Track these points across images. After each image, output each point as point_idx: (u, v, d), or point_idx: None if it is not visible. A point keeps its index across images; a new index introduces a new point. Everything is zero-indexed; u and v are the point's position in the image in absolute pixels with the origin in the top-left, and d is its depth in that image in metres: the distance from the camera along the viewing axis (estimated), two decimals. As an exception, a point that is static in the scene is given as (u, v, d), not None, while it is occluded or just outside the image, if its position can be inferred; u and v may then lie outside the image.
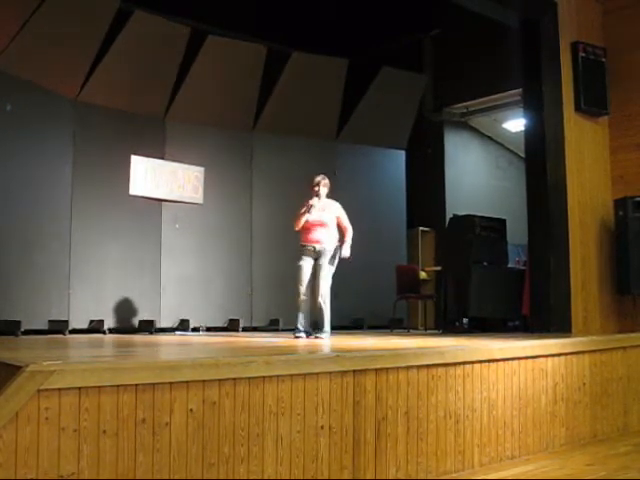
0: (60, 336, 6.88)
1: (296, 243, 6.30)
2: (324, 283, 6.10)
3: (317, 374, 3.39)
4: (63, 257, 7.44)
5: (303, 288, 6.10)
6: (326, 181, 6.28)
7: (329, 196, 6.38)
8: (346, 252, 6.25)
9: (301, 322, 6.12)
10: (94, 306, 7.64)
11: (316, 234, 6.15)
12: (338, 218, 6.31)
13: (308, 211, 6.12)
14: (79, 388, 2.64)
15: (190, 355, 3.83)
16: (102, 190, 7.78)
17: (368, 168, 9.81)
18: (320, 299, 6.07)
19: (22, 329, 6.62)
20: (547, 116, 7.14)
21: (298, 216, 6.15)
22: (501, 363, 4.39)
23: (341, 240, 6.29)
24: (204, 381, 2.98)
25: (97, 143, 7.75)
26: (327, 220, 6.22)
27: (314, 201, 6.15)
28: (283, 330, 8.43)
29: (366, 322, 9.21)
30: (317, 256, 6.14)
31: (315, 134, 9.34)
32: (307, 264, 6.13)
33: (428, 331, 8.26)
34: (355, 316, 9.25)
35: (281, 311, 8.77)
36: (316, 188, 6.19)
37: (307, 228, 6.13)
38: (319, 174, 6.30)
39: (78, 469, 2.62)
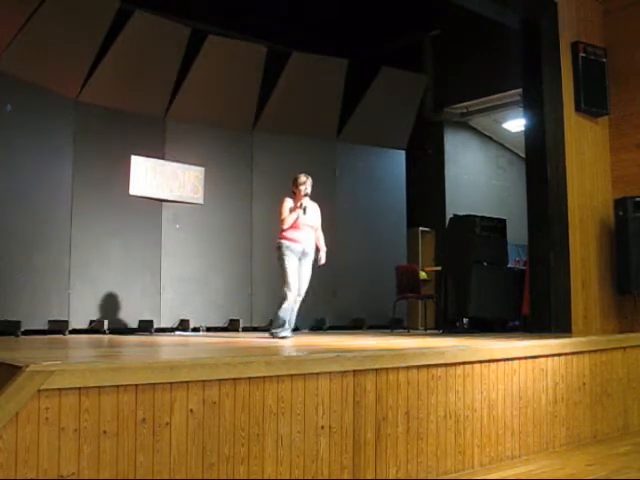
0: (60, 336, 6.88)
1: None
2: (307, 284, 6.14)
3: (317, 374, 3.39)
4: (63, 257, 7.44)
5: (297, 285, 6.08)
6: (311, 181, 6.15)
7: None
8: (324, 259, 6.25)
9: (290, 322, 6.11)
10: (94, 306, 7.65)
11: (304, 234, 6.09)
12: (317, 223, 6.27)
13: (304, 212, 6.03)
14: (79, 388, 2.65)
15: (190, 355, 3.82)
16: (102, 190, 7.77)
17: (368, 168, 9.81)
18: (299, 299, 6.13)
19: (22, 329, 6.62)
20: (547, 116, 7.13)
21: (289, 214, 6.01)
22: (501, 363, 4.39)
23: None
24: (204, 381, 2.98)
25: (97, 143, 7.75)
26: (316, 223, 6.21)
27: (306, 201, 6.05)
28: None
29: (366, 322, 9.21)
30: (302, 256, 6.10)
31: (315, 134, 9.33)
32: (296, 262, 6.09)
33: (428, 331, 8.25)
34: (355, 316, 9.25)
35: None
36: (302, 187, 6.06)
37: (296, 227, 6.04)
38: (302, 173, 6.15)
39: (78, 469, 2.62)
